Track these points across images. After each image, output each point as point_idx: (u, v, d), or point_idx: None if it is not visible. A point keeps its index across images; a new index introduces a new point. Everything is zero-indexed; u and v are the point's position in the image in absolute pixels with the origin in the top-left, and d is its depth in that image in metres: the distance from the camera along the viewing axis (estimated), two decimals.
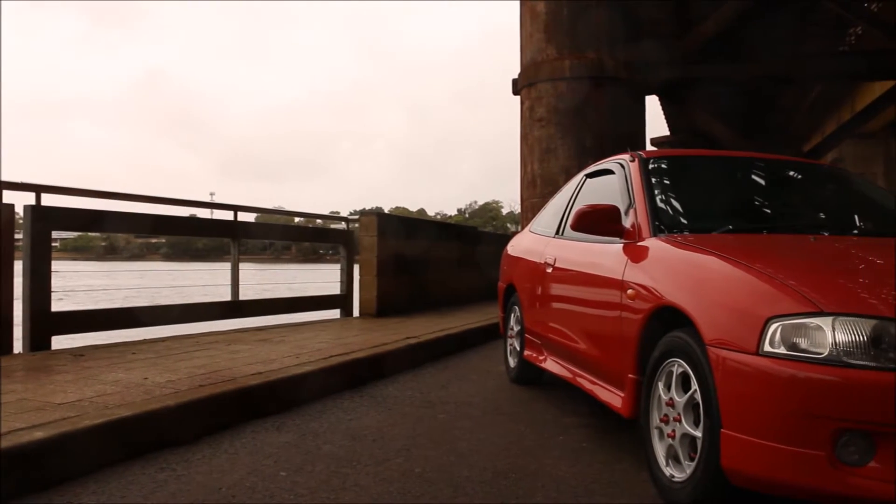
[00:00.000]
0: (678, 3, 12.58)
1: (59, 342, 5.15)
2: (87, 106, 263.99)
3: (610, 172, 3.78)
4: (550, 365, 4.01)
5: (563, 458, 2.95)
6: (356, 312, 8.16)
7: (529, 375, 4.53)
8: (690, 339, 2.32)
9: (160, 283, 15.57)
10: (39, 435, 2.55)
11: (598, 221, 3.20)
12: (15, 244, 4.93)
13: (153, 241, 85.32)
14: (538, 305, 4.24)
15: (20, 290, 4.95)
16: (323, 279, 9.01)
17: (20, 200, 4.97)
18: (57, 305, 5.31)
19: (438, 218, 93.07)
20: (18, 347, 4.92)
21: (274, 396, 3.70)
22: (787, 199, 3.75)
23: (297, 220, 44.35)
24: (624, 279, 2.91)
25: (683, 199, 3.38)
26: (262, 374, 3.91)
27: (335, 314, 8.43)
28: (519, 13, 10.81)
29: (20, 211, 5.00)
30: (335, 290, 8.63)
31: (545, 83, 10.12)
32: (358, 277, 8.01)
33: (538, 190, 10.05)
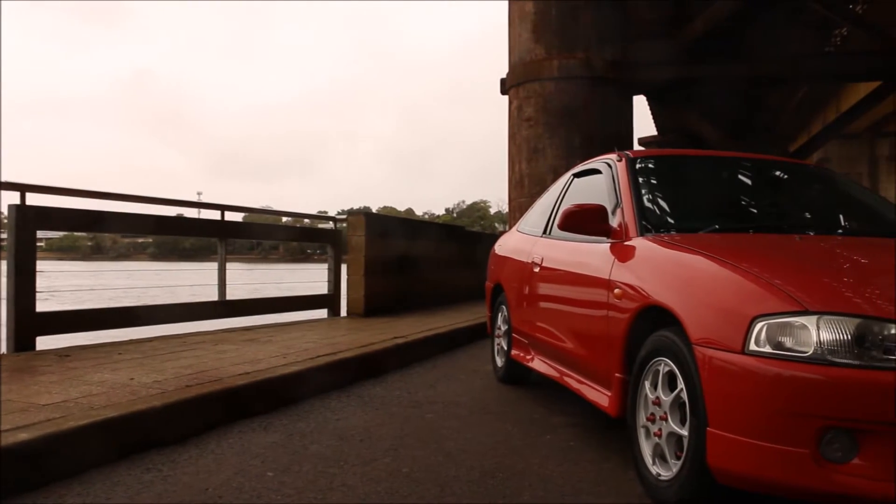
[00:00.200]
0: (667, 3, 12.63)
1: (44, 343, 5.11)
2: (73, 105, 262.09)
3: (597, 172, 3.79)
4: (538, 364, 4.02)
5: (550, 457, 2.96)
6: (344, 312, 8.14)
7: (517, 375, 4.54)
8: (677, 338, 2.33)
9: (147, 282, 15.49)
10: (24, 436, 2.53)
11: (585, 221, 3.21)
12: None
13: (140, 240, 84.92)
14: (525, 305, 4.24)
15: (4, 290, 4.91)
16: (311, 279, 8.99)
17: (4, 200, 4.95)
18: (42, 305, 5.27)
19: (426, 218, 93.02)
20: (2, 348, 4.88)
21: (261, 396, 3.69)
22: (773, 198, 3.78)
23: (284, 219, 44.22)
24: (611, 278, 2.92)
25: (670, 198, 3.39)
26: (249, 374, 3.90)
27: (323, 314, 8.41)
28: (508, 13, 10.82)
29: (4, 210, 4.98)
30: (323, 289, 8.61)
31: (533, 83, 10.13)
32: (346, 277, 8.00)
33: (526, 189, 10.07)
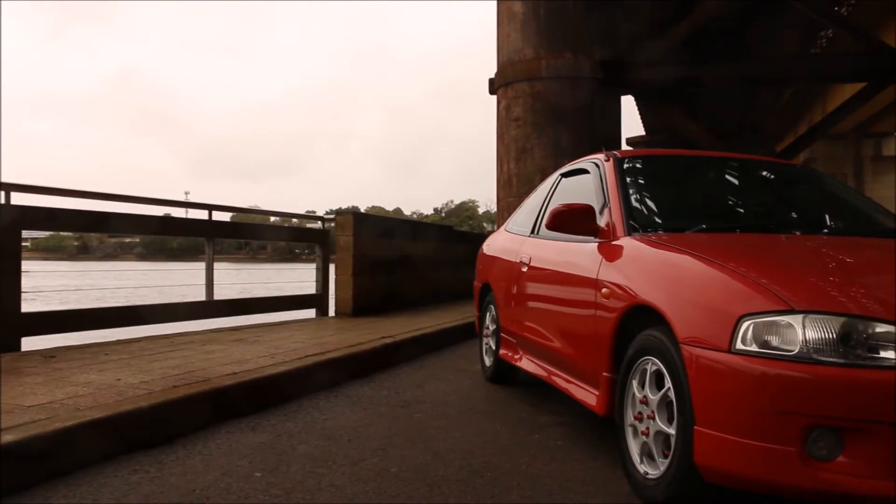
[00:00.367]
0: (655, 3, 12.67)
1: (30, 343, 5.06)
2: (58, 104, 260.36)
3: (585, 172, 3.80)
4: (526, 364, 4.02)
5: (538, 456, 2.97)
6: (332, 312, 8.13)
7: (505, 374, 4.54)
8: (664, 337, 2.34)
9: (134, 282, 15.41)
10: (8, 438, 2.50)
11: (572, 221, 3.22)
12: None
13: (127, 240, 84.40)
14: (513, 304, 4.25)
15: None
16: (299, 279, 8.97)
17: None
18: (27, 306, 5.22)
19: (415, 217, 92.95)
20: None
21: (249, 397, 3.68)
22: (760, 198, 3.80)
23: (272, 219, 44.06)
24: (598, 278, 2.93)
25: (658, 198, 3.41)
26: (236, 374, 3.88)
27: (311, 314, 8.39)
28: (496, 13, 10.82)
29: None
30: (311, 289, 8.59)
31: (522, 83, 10.14)
32: (334, 277, 7.98)
33: (514, 189, 10.08)
